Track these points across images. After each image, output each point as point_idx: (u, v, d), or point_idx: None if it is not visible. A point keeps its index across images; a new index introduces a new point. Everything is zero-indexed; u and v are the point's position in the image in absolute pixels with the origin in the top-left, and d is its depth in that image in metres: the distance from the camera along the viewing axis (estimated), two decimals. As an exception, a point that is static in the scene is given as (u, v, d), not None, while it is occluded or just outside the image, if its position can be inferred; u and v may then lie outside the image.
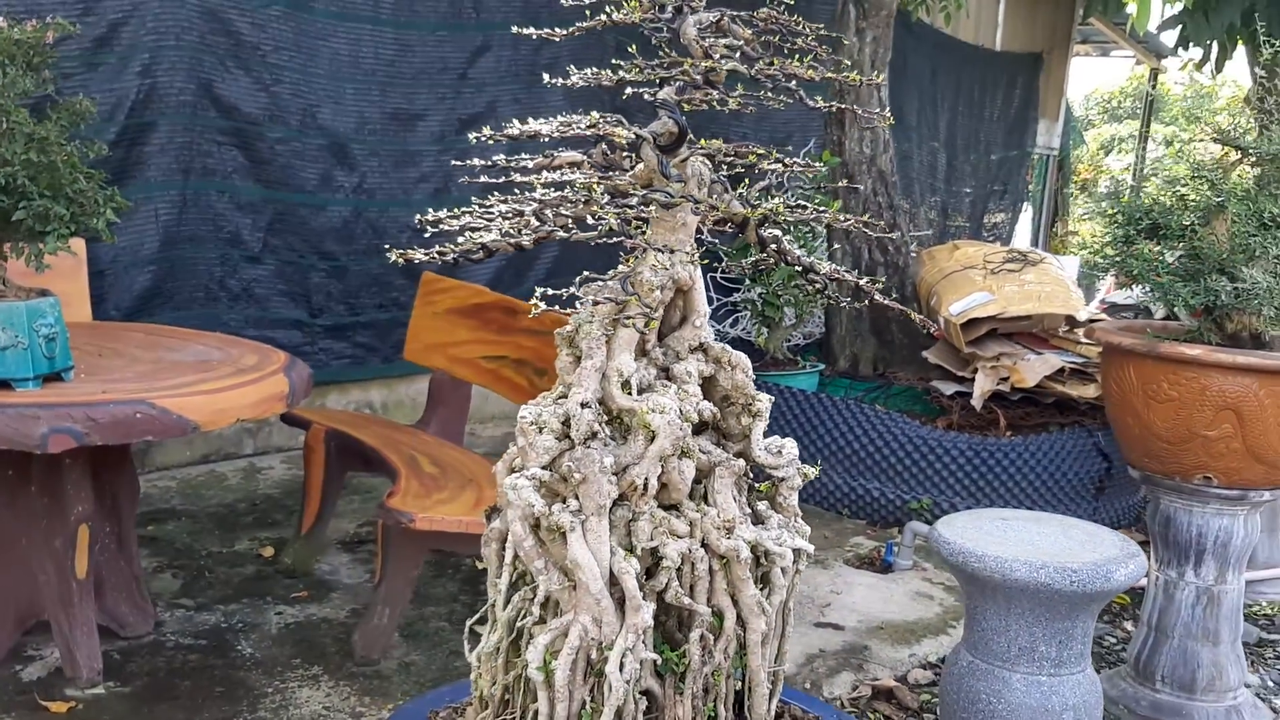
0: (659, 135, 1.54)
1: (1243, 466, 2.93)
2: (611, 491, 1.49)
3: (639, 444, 1.53)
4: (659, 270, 1.57)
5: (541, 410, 1.57)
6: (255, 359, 3.06)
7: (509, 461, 1.65)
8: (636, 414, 1.53)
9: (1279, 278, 2.73)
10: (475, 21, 5.23)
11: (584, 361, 1.57)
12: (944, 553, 2.33)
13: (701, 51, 1.55)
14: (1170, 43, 10.28)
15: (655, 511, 1.56)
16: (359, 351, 5.16)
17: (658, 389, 1.59)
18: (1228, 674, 3.10)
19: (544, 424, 1.55)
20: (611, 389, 1.56)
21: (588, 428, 1.51)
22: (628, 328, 1.56)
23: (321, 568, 3.76)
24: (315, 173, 4.80)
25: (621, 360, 1.56)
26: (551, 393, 1.72)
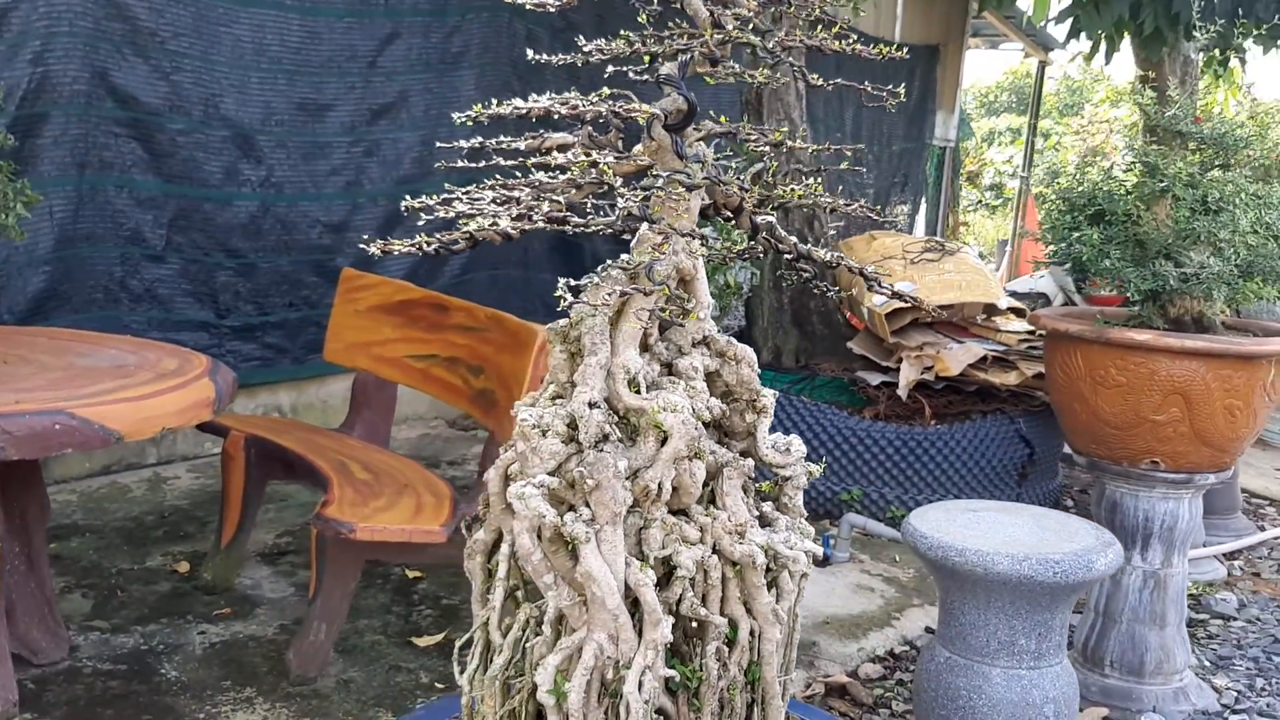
0: (669, 114, 1.44)
1: (1190, 450, 2.95)
2: (626, 498, 1.39)
3: (650, 446, 1.43)
4: (664, 259, 1.47)
5: (543, 412, 1.45)
6: (175, 363, 2.87)
7: (503, 468, 1.53)
8: (646, 413, 1.43)
9: (1228, 261, 2.74)
10: (384, 8, 5.04)
11: (587, 358, 1.46)
12: (921, 547, 2.28)
13: (710, 21, 1.45)
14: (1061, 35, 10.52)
15: (666, 518, 1.46)
16: (268, 353, 4.93)
17: (665, 385, 1.49)
18: (1175, 656, 3.13)
19: (548, 426, 1.44)
20: (618, 387, 1.45)
21: (598, 429, 1.40)
22: (632, 322, 1.45)
23: (242, 582, 3.56)
24: (220, 166, 4.57)
25: (627, 356, 1.46)
26: (541, 392, 1.60)
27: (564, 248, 6.16)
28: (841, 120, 7.66)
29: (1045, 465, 4.87)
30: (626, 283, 1.42)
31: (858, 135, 7.88)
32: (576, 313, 1.46)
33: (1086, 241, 2.89)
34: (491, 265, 5.86)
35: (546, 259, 6.11)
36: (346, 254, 5.09)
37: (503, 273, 5.97)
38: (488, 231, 1.47)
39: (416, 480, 3.21)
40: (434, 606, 3.48)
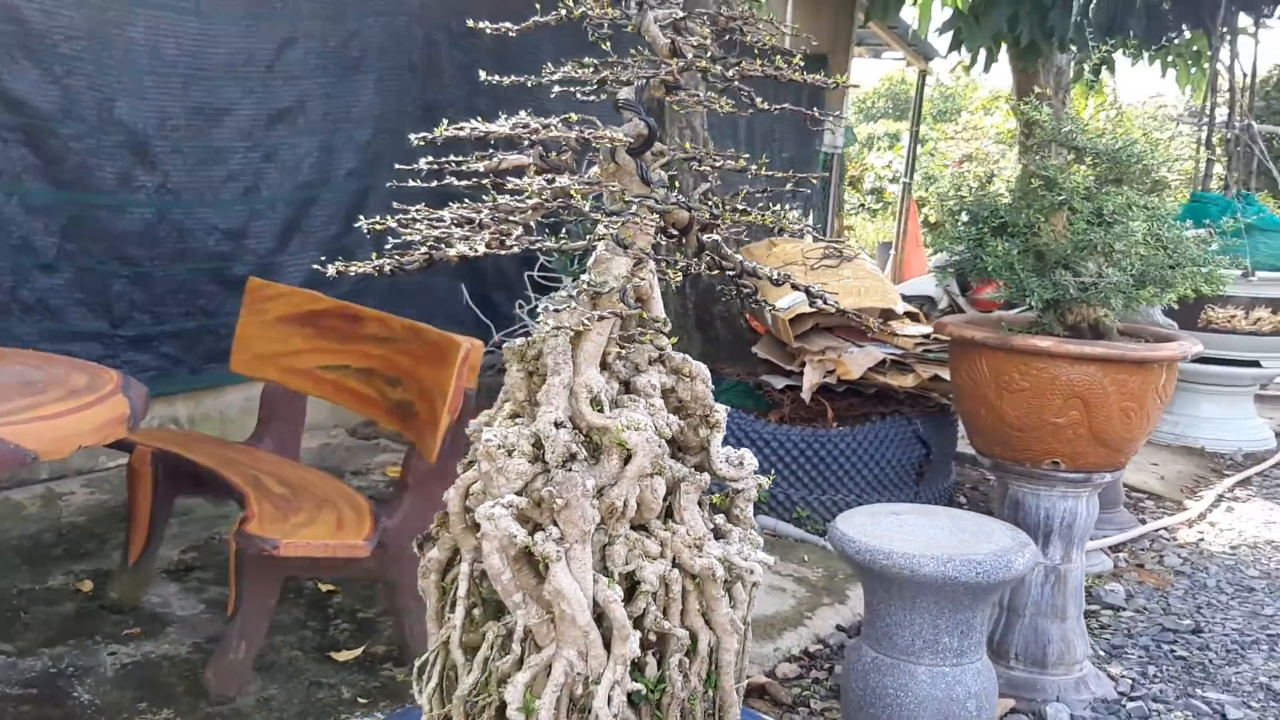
0: (631, 138, 1.47)
1: (1088, 450, 3.09)
2: (595, 516, 1.41)
3: (614, 464, 1.46)
4: (622, 280, 1.50)
5: (507, 432, 1.47)
6: (85, 379, 2.78)
7: (464, 487, 1.54)
8: (610, 432, 1.45)
9: (1125, 272, 2.89)
10: (282, 11, 4.95)
11: (550, 378, 1.48)
12: (849, 551, 2.35)
13: (669, 49, 1.48)
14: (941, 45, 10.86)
15: (629, 533, 1.49)
16: (164, 363, 4.80)
17: (625, 404, 1.52)
18: (1075, 647, 3.27)
19: (513, 446, 1.45)
20: (581, 406, 1.48)
21: (564, 449, 1.42)
22: (594, 341, 1.48)
23: (150, 600, 3.47)
24: (114, 172, 4.43)
25: (589, 375, 1.49)
26: (497, 410, 1.62)
27: (465, 254, 6.11)
28: (736, 128, 7.77)
29: (940, 464, 5.03)
30: (589, 305, 1.45)
31: (751, 143, 8.01)
32: (538, 333, 1.48)
33: (992, 253, 3.01)
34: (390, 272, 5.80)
35: (449, 266, 6.05)
36: (244, 261, 4.99)
37: (402, 280, 5.89)
38: (445, 253, 1.48)
39: (334, 494, 3.17)
40: (350, 620, 3.44)
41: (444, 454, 2.93)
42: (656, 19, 1.52)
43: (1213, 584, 4.27)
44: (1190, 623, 3.87)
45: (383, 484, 4.78)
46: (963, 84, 24.24)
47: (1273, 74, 9.96)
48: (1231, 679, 3.46)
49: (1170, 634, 3.77)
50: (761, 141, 8.23)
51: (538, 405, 1.51)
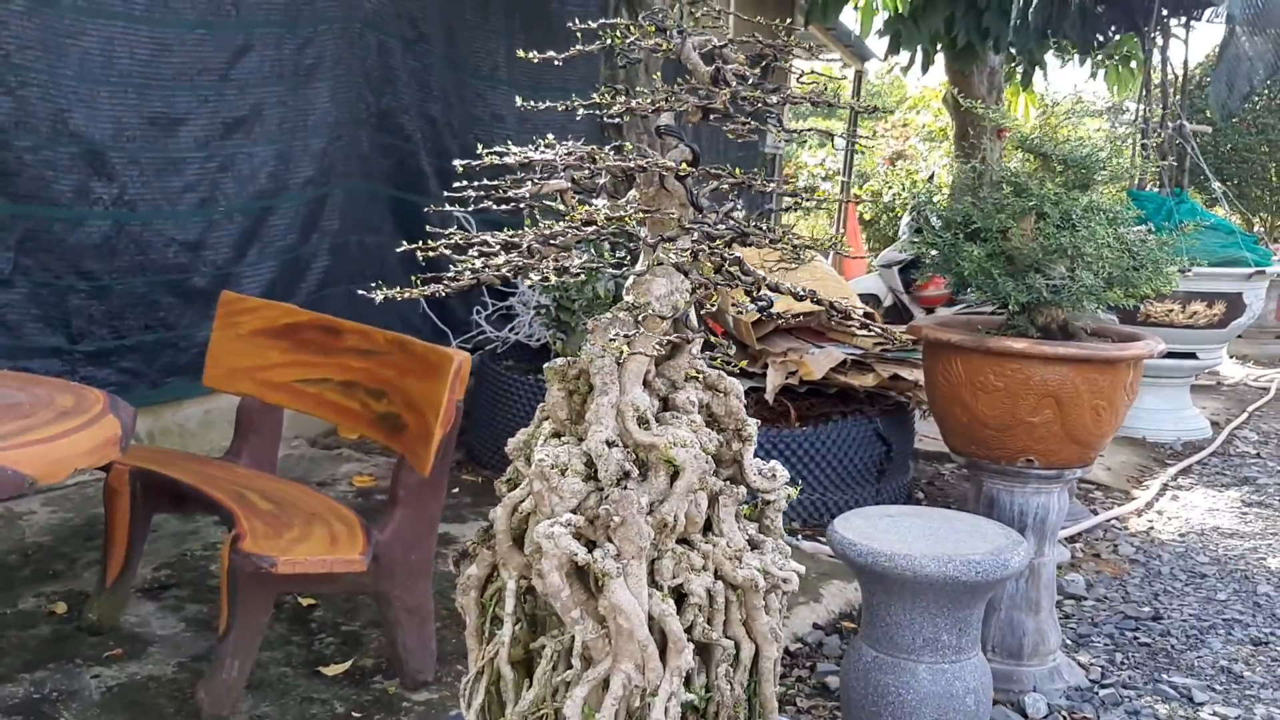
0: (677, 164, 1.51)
1: (1061, 448, 3.19)
2: (650, 533, 1.45)
3: (661, 480, 1.50)
4: (664, 300, 1.54)
5: (558, 451, 1.50)
6: (72, 400, 2.75)
7: (511, 505, 1.57)
8: (658, 449, 1.49)
9: (1097, 275, 2.99)
10: (235, 19, 4.90)
11: (598, 398, 1.51)
12: (850, 554, 2.42)
13: (711, 77, 1.52)
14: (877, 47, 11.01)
15: (676, 548, 1.53)
16: (124, 378, 4.73)
17: (668, 420, 1.56)
18: (1049, 638, 3.38)
19: (566, 466, 1.49)
20: (628, 424, 1.51)
21: (618, 468, 1.46)
22: (638, 361, 1.52)
23: (128, 620, 3.43)
24: (70, 184, 4.36)
25: (635, 394, 1.52)
26: (536, 429, 1.65)
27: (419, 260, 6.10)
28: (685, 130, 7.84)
29: (899, 461, 5.14)
30: (632, 324, 1.49)
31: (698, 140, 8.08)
32: (586, 354, 1.51)
33: (968, 257, 3.09)
34: (348, 280, 5.77)
35: (403, 273, 6.05)
36: (202, 273, 4.94)
37: (359, 287, 5.87)
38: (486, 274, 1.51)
39: (321, 508, 3.17)
40: (334, 634, 3.43)
41: (436, 467, 2.94)
42: (695, 46, 1.55)
43: (1167, 571, 4.42)
44: (1150, 610, 4.00)
45: (351, 494, 4.76)
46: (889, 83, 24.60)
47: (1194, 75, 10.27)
48: (1194, 663, 3.59)
49: (1132, 621, 3.90)
50: (707, 144, 8.30)
51: (580, 424, 1.54)
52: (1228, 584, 4.29)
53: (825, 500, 4.81)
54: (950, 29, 8.23)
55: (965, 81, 9.66)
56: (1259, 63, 6.00)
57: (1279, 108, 10.70)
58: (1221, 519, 5.11)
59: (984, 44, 8.30)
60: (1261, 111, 10.42)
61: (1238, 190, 10.04)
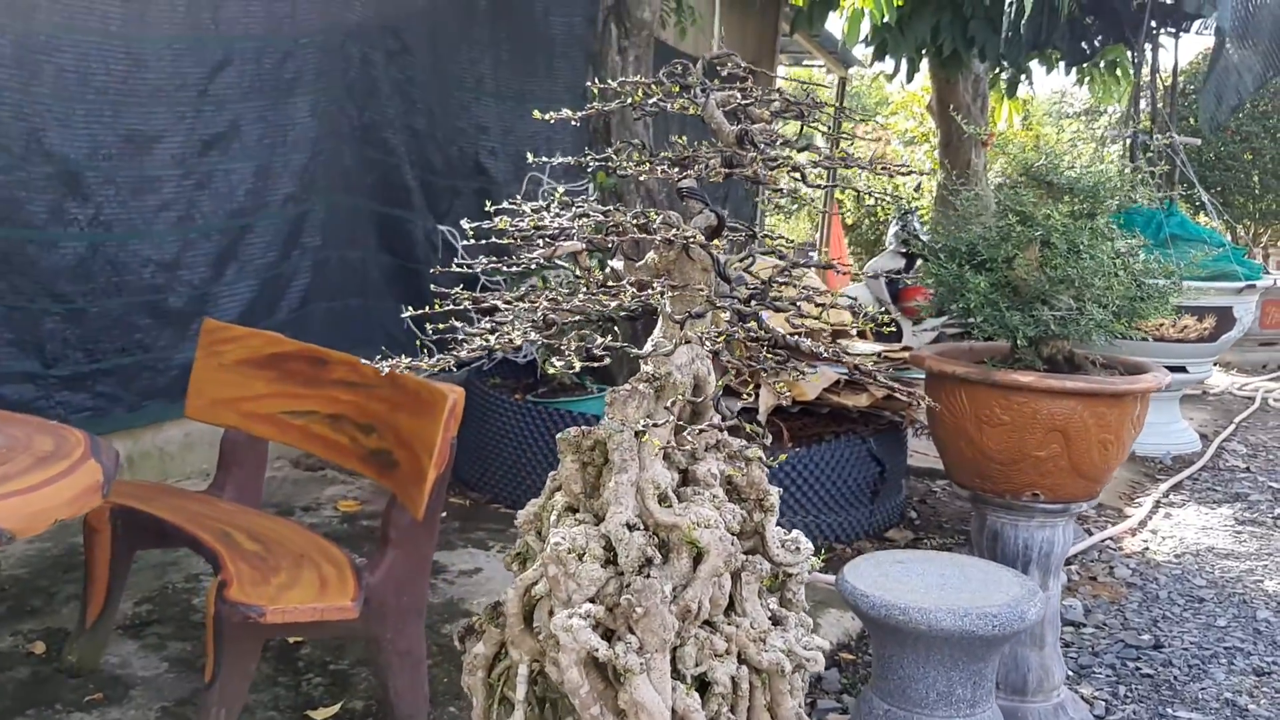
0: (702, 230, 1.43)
1: (1068, 482, 3.13)
2: (674, 624, 1.37)
3: (684, 563, 1.42)
4: (685, 369, 1.46)
5: (574, 534, 1.42)
6: (51, 443, 2.64)
7: (524, 587, 1.49)
8: (680, 530, 1.41)
9: (1106, 307, 2.92)
10: (214, 34, 4.78)
11: (617, 475, 1.43)
12: (862, 606, 2.34)
13: (734, 139, 1.44)
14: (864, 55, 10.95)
15: (698, 633, 1.45)
16: (100, 402, 4.62)
17: (689, 497, 1.48)
18: (1053, 674, 3.31)
19: (582, 550, 1.40)
20: (648, 503, 1.43)
21: (639, 554, 1.38)
22: (657, 434, 1.43)
23: (109, 660, 3.32)
24: (44, 205, 4.24)
25: (655, 470, 1.44)
26: (546, 498, 1.56)
27: (403, 277, 6.02)
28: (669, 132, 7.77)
29: (893, 481, 5.07)
30: (654, 397, 1.40)
31: (684, 152, 8.00)
32: (601, 429, 1.43)
33: (974, 289, 3.02)
34: (329, 297, 5.67)
35: (386, 288, 5.95)
36: (179, 293, 4.83)
37: (340, 303, 5.78)
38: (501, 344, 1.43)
39: (309, 548, 3.07)
40: (322, 673, 3.34)
41: (429, 508, 2.85)
42: (719, 103, 1.47)
43: (1164, 595, 4.37)
44: (1150, 637, 3.95)
45: (336, 520, 4.66)
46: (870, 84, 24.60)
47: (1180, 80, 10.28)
48: (1198, 695, 3.54)
49: (1133, 650, 3.84)
50: (693, 153, 8.22)
51: (595, 497, 1.46)
52: (1226, 609, 4.24)
53: (819, 522, 4.74)
54: (936, 37, 8.18)
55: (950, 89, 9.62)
56: (1247, 75, 5.97)
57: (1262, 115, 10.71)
58: (1216, 538, 5.08)
59: (970, 52, 8.26)
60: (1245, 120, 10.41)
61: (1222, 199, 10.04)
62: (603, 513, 1.45)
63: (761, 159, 1.47)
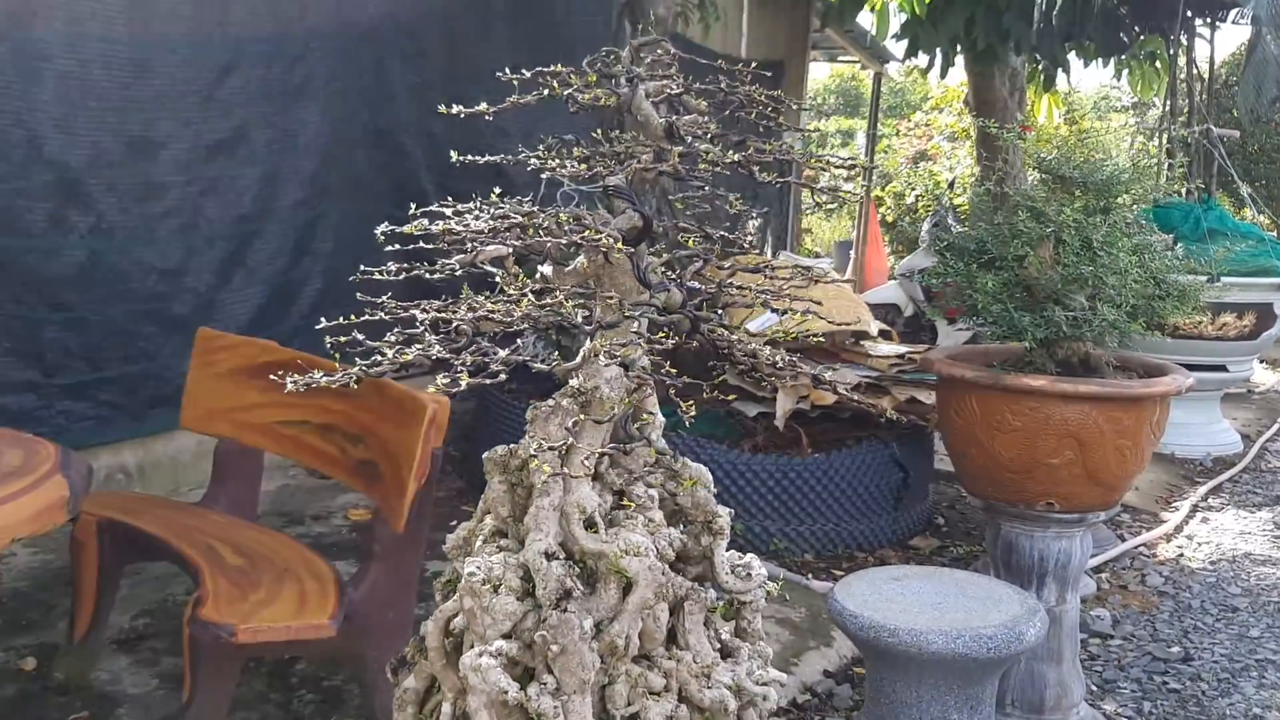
0: (624, 232, 1.31)
1: (1083, 491, 2.98)
2: (594, 662, 1.26)
3: (611, 593, 1.31)
4: (615, 383, 1.34)
5: (491, 563, 1.31)
6: (20, 457, 2.58)
7: (443, 620, 1.38)
8: (607, 558, 1.30)
9: (1120, 307, 2.77)
10: (220, 37, 4.73)
11: (538, 499, 1.32)
12: (850, 627, 2.21)
13: (664, 130, 1.32)
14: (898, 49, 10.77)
15: (630, 669, 1.34)
16: (104, 411, 4.57)
17: (621, 521, 1.36)
18: (1072, 690, 3.16)
19: (499, 581, 1.29)
20: (573, 528, 1.32)
21: (558, 585, 1.26)
22: (584, 454, 1.32)
23: (99, 676, 3.26)
24: (44, 213, 4.20)
25: (581, 493, 1.33)
26: (476, 521, 1.45)
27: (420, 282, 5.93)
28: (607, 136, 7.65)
29: (917, 487, 4.92)
30: (578, 410, 1.29)
31: (709, 153, 7.88)
32: (524, 449, 1.32)
33: (981, 289, 2.88)
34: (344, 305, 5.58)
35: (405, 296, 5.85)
36: (184, 301, 4.77)
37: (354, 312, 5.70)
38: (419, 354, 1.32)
39: (295, 562, 2.98)
40: (315, 689, 3.26)
41: (412, 521, 2.76)
42: (648, 93, 1.36)
43: (1197, 605, 4.19)
44: (1179, 650, 3.78)
45: (345, 529, 4.59)
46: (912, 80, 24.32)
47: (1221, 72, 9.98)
48: (1225, 712, 3.37)
49: (1161, 664, 3.67)
50: (719, 152, 8.10)
51: (523, 524, 1.35)
52: (1260, 619, 4.05)
53: (839, 531, 4.60)
54: (970, 31, 7.99)
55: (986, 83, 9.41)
56: (1288, 64, 5.74)
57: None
58: (1254, 544, 4.87)
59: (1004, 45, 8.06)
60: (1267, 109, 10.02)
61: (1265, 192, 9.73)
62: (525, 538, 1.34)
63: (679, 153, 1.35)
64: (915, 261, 8.58)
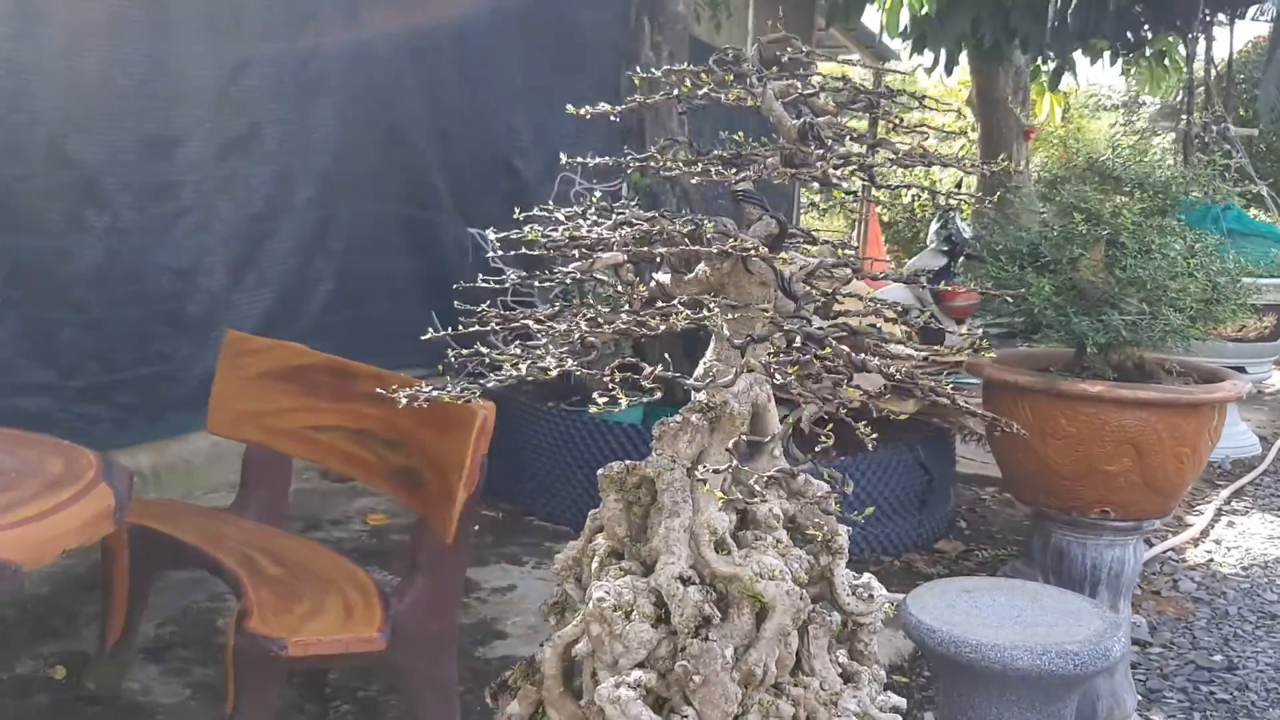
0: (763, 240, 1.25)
1: (1140, 499, 2.93)
2: (737, 694, 1.19)
3: (745, 620, 1.24)
4: (743, 396, 1.28)
5: (620, 588, 1.24)
6: (61, 465, 2.50)
7: (562, 646, 1.31)
8: (741, 582, 1.23)
9: (1184, 311, 2.72)
10: (235, 36, 4.64)
11: (668, 520, 1.25)
12: (930, 642, 2.16)
13: (797, 134, 1.26)
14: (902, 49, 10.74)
15: (763, 698, 1.28)
16: (120, 414, 4.48)
17: (750, 543, 1.30)
18: (1124, 702, 3.12)
19: (629, 606, 1.23)
20: (704, 551, 1.26)
21: (695, 611, 1.20)
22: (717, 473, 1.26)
23: (130, 686, 3.18)
24: (61, 213, 4.11)
25: (711, 513, 1.26)
26: (585, 545, 1.39)
27: (432, 282, 5.87)
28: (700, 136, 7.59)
29: (941, 490, 4.87)
30: (708, 429, 1.23)
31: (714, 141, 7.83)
32: (648, 466, 1.25)
33: (1037, 293, 2.83)
34: (354, 303, 5.52)
35: (414, 294, 5.80)
36: (198, 301, 4.69)
37: (366, 310, 5.62)
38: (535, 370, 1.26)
39: (335, 572, 2.91)
40: (351, 701, 3.19)
41: (460, 530, 2.68)
42: (777, 93, 1.29)
43: (1234, 612, 4.15)
44: (1222, 659, 3.73)
45: (365, 534, 4.52)
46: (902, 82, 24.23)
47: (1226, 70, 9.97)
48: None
49: (1205, 673, 3.63)
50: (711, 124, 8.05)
51: (642, 542, 1.29)
52: (1301, 626, 4.02)
53: (864, 534, 4.54)
54: (976, 29, 7.96)
55: (990, 82, 9.38)
56: (1310, 64, 5.71)
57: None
58: (1284, 549, 4.84)
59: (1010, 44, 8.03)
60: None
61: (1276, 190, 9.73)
62: (651, 560, 1.28)
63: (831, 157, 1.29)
64: (921, 262, 8.54)
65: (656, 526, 1.27)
